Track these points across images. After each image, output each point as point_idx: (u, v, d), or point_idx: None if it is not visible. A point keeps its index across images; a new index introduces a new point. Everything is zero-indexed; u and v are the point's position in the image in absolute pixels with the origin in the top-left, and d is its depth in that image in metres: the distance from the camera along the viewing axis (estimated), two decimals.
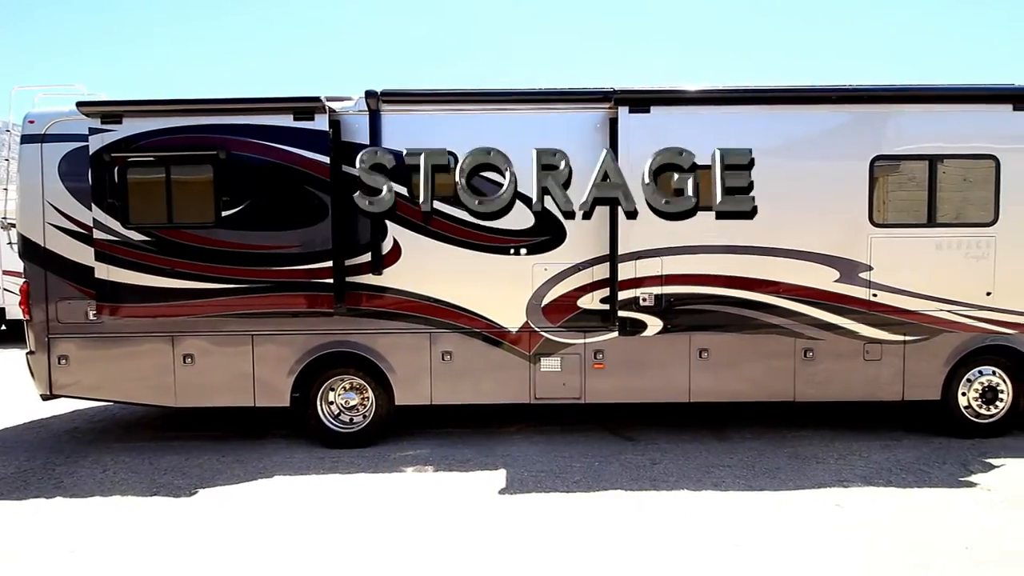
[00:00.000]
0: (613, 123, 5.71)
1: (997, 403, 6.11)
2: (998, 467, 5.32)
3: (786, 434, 6.30)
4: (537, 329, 5.98)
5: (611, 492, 4.87)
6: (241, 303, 5.68)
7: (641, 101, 5.63)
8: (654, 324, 5.81)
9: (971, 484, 4.96)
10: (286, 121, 5.56)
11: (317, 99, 5.54)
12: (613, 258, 5.79)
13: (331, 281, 5.65)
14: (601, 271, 5.92)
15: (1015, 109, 5.73)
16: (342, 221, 5.77)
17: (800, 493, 4.81)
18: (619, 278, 5.72)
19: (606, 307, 5.93)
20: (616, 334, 5.89)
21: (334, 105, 5.75)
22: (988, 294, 5.84)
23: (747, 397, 6.10)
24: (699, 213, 5.71)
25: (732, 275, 5.78)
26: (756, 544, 3.98)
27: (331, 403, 6.09)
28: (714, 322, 5.85)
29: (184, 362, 5.92)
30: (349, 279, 5.87)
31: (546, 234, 5.87)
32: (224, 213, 5.59)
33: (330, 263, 5.64)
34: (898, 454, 5.68)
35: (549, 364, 6.02)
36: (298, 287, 5.68)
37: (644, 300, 5.76)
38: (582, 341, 6.01)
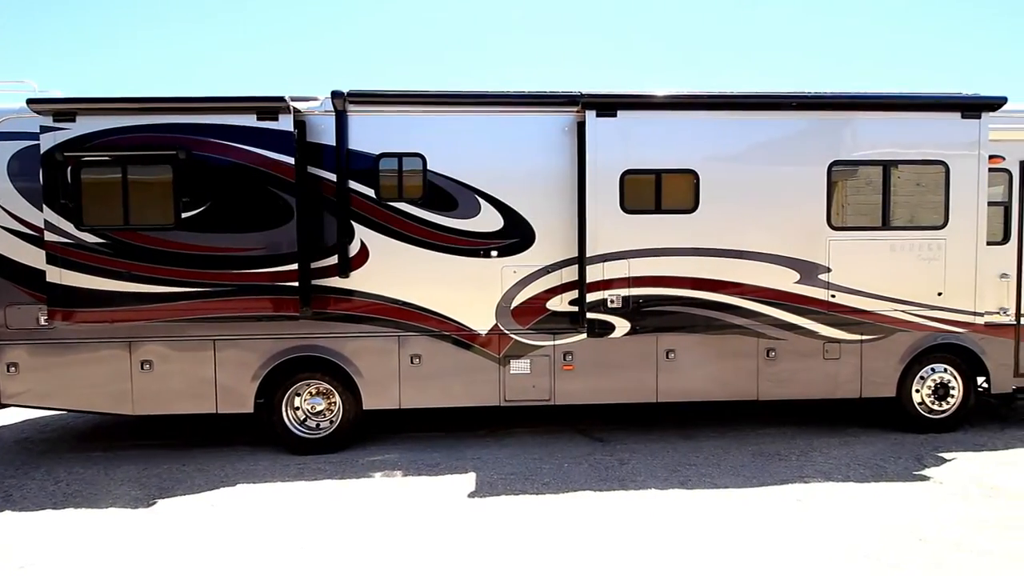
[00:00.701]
0: (581, 127, 5.76)
1: (949, 399, 6.37)
2: (950, 461, 5.53)
3: (750, 432, 6.45)
4: (506, 331, 5.98)
5: (580, 493, 4.90)
6: (203, 307, 5.53)
7: (608, 105, 5.70)
8: (622, 325, 5.88)
9: (924, 478, 5.14)
10: (249, 121, 5.44)
11: (281, 99, 5.44)
12: (581, 260, 5.84)
13: (297, 284, 5.55)
14: (570, 273, 5.96)
15: (963, 117, 5.99)
16: (308, 223, 5.68)
17: (763, 490, 4.92)
18: (587, 280, 5.78)
19: (575, 309, 5.98)
20: (585, 336, 5.94)
21: (299, 105, 5.66)
22: (939, 294, 6.09)
23: (713, 396, 6.21)
24: (665, 216, 5.83)
25: (697, 277, 5.90)
26: (721, 541, 4.05)
27: (297, 408, 5.98)
28: (680, 323, 5.95)
29: (142, 368, 5.73)
30: (315, 282, 5.78)
31: (515, 236, 5.89)
32: (184, 215, 5.44)
33: (296, 266, 5.54)
34: (856, 450, 5.86)
35: (519, 366, 6.03)
36: (263, 290, 5.56)
37: (612, 302, 5.82)
38: (551, 343, 6.03)
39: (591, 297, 5.80)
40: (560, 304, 5.99)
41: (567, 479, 5.19)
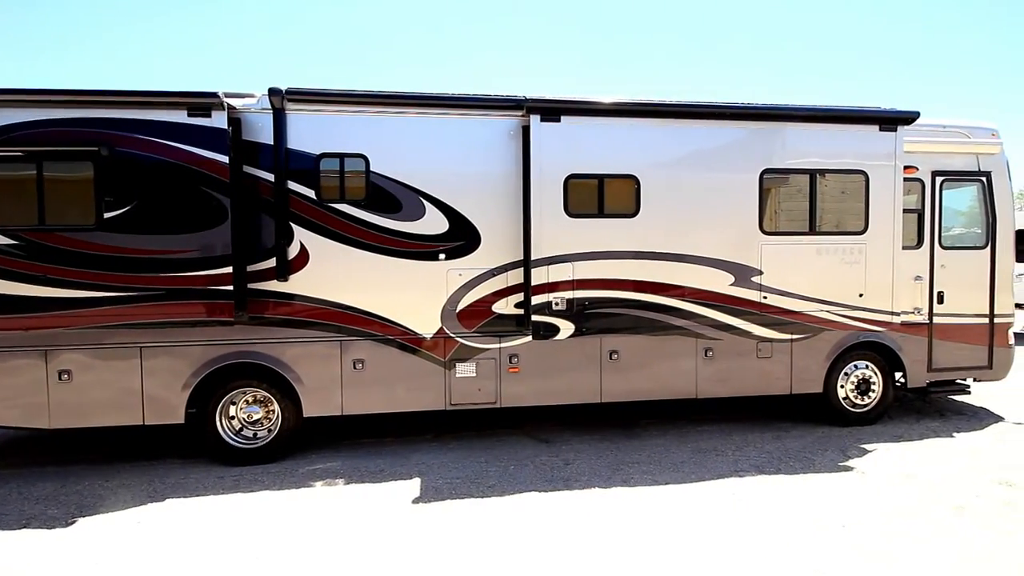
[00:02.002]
0: (526, 131, 5.81)
1: (870, 394, 6.79)
2: (871, 452, 5.89)
3: (690, 429, 6.66)
4: (452, 335, 5.94)
5: (525, 495, 4.92)
6: (128, 312, 5.23)
7: (552, 110, 5.77)
8: (567, 328, 5.95)
9: (849, 468, 5.46)
10: (179, 117, 5.19)
11: (214, 95, 5.21)
12: (527, 263, 5.88)
13: (231, 288, 5.32)
14: (515, 276, 5.98)
15: (881, 130, 6.41)
16: (243, 224, 5.46)
17: (701, 485, 5.08)
18: (532, 283, 5.82)
19: (520, 312, 6.01)
20: (530, 338, 5.98)
21: (234, 102, 5.44)
22: (860, 295, 6.49)
23: (654, 395, 6.38)
24: (607, 220, 5.95)
25: (639, 280, 6.05)
26: (660, 536, 4.15)
27: (232, 418, 5.73)
28: (623, 325, 6.09)
29: (59, 379, 5.35)
30: (252, 286, 5.56)
31: (461, 239, 5.86)
32: (107, 215, 5.13)
33: (230, 269, 5.31)
34: (787, 443, 6.16)
35: (464, 370, 6.00)
36: (194, 295, 5.30)
37: (557, 304, 5.89)
38: (497, 346, 6.04)
39: (536, 300, 5.84)
40: (506, 307, 6.00)
41: (513, 481, 5.20)
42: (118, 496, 4.99)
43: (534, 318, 5.86)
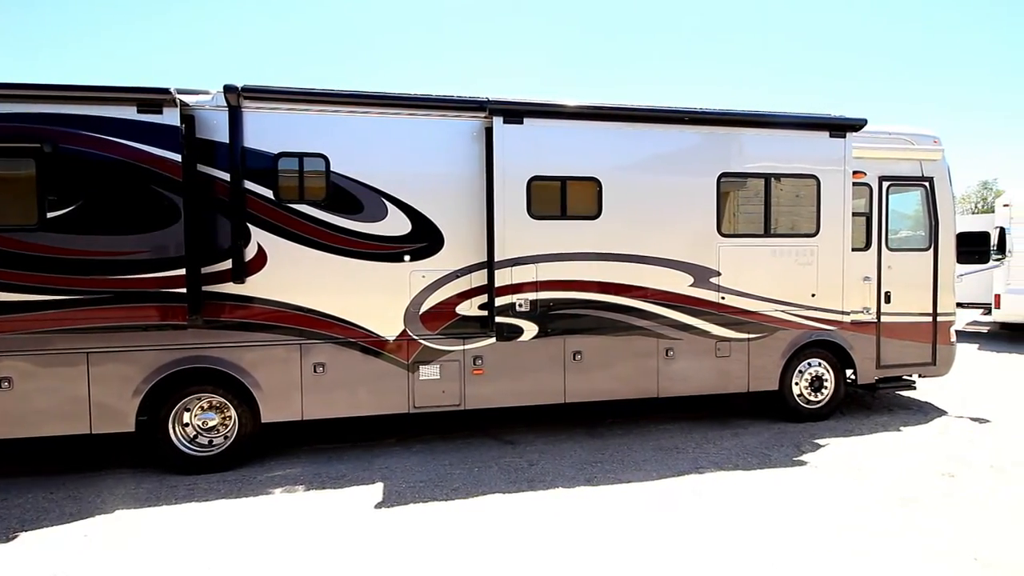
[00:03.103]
0: (490, 132, 5.81)
1: (823, 391, 7.03)
2: (824, 447, 6.09)
3: (652, 428, 6.77)
4: (415, 337, 5.89)
5: (490, 496, 4.91)
6: (74, 317, 5.00)
7: (515, 112, 5.78)
8: (530, 329, 5.97)
9: (803, 463, 5.63)
10: (128, 114, 5.00)
11: (165, 91, 5.04)
12: (490, 265, 5.88)
13: (184, 291, 5.15)
14: (479, 278, 5.97)
15: (831, 136, 6.66)
16: (197, 225, 5.30)
17: (663, 482, 5.17)
18: (496, 284, 5.82)
19: (484, 313, 6.00)
20: (494, 340, 5.98)
21: (187, 99, 5.28)
22: (813, 295, 6.72)
23: (617, 395, 6.45)
24: (570, 221, 6.00)
25: (602, 281, 6.11)
26: (623, 534, 4.20)
27: (186, 425, 5.55)
28: (586, 326, 6.14)
29: None
30: (206, 288, 5.40)
31: (424, 241, 5.82)
32: (50, 214, 4.90)
33: (183, 271, 5.14)
34: (744, 440, 6.32)
35: (428, 372, 5.95)
36: (145, 298, 5.11)
37: (520, 306, 5.91)
38: (461, 348, 6.01)
39: (500, 301, 5.85)
40: (469, 308, 5.99)
41: (477, 483, 5.19)
42: (64, 509, 4.76)
43: (498, 320, 5.86)
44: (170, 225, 5.10)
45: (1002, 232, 10.00)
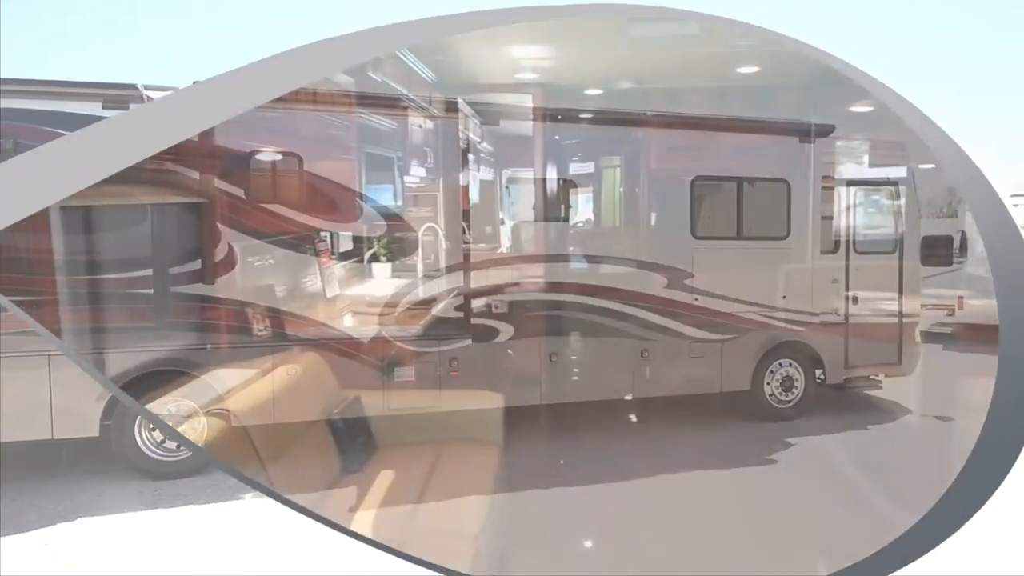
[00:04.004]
0: None
1: (793, 390, 7.16)
2: (794, 445, 6.22)
3: (627, 429, 6.81)
4: (391, 339, 5.84)
5: (464, 499, 4.88)
6: (34, 318, 4.83)
7: (489, 114, 5.80)
8: (507, 330, 5.97)
9: (773, 461, 5.74)
10: (93, 110, 4.87)
11: (132, 86, 4.93)
12: (467, 266, 5.86)
13: (152, 291, 5.03)
14: (456, 279, 5.95)
15: (800, 141, 6.81)
16: (165, 225, 5.18)
17: (639, 482, 5.21)
18: (472, 286, 5.81)
19: (461, 315, 5.98)
20: (470, 341, 5.95)
21: (155, 95, 5.16)
22: (783, 297, 6.85)
23: (593, 396, 6.49)
24: (548, 223, 6.03)
25: (578, 282, 6.14)
26: (599, 534, 4.23)
27: (153, 429, 5.41)
28: (562, 327, 6.16)
29: None
30: (175, 289, 5.28)
31: (400, 242, 5.78)
32: None
33: (151, 271, 5.02)
34: (718, 440, 6.41)
35: (403, 374, 5.91)
36: (111, 299, 4.97)
37: (497, 307, 5.90)
38: (437, 349, 5.98)
39: (476, 303, 5.83)
40: (446, 310, 5.96)
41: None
42: (24, 517, 4.59)
43: (474, 321, 5.85)
44: (137, 225, 4.98)
45: (963, 236, 10.33)
